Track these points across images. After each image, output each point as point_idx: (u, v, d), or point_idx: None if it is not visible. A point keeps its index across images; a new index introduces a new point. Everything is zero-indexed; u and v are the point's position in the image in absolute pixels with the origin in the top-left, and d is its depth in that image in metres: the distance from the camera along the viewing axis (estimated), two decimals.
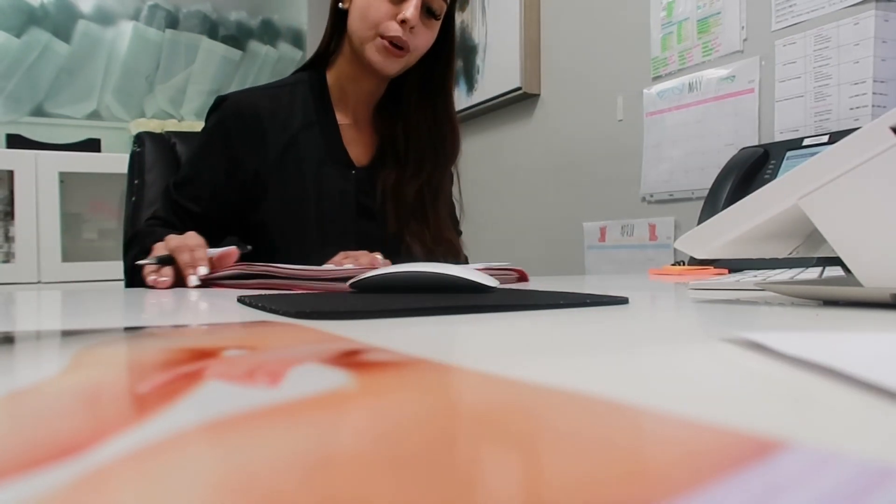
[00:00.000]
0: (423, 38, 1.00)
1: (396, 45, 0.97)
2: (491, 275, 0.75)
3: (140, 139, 1.22)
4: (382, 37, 0.96)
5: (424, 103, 1.07)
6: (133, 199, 1.18)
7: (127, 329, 0.38)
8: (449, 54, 1.07)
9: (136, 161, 1.20)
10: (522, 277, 0.83)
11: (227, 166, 1.00)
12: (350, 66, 1.04)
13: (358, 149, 1.07)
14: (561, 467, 0.12)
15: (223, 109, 1.01)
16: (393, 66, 0.99)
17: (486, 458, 0.13)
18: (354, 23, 0.99)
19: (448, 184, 1.13)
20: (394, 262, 0.83)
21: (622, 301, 0.49)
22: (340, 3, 1.02)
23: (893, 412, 0.16)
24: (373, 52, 0.98)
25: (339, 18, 1.03)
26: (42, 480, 0.12)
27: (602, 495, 0.11)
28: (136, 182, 1.19)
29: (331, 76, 1.06)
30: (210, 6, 2.92)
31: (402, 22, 0.95)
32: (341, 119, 1.06)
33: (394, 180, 1.06)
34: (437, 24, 1.01)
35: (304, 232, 1.00)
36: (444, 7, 1.01)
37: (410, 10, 0.95)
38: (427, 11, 0.98)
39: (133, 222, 1.16)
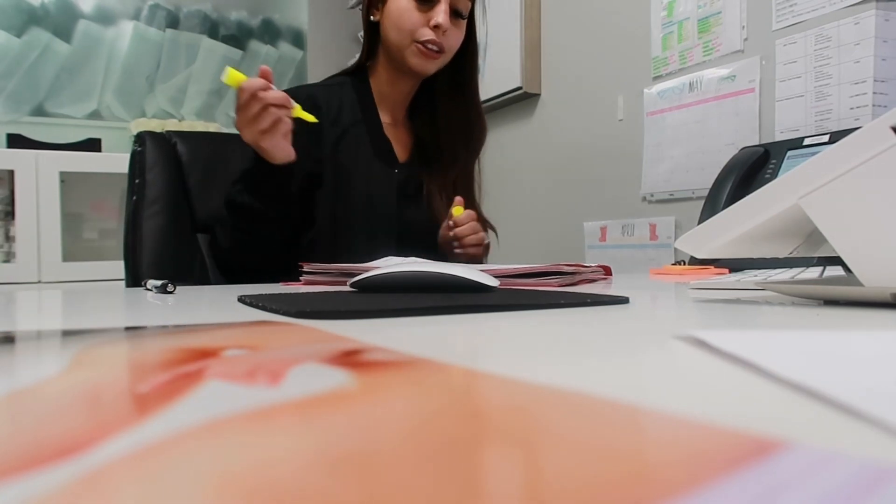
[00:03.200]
0: (455, 38, 1.08)
1: (432, 48, 1.04)
2: (581, 272, 0.76)
3: (141, 138, 1.22)
4: (418, 42, 1.04)
5: (454, 96, 1.15)
6: (134, 198, 1.18)
7: (127, 329, 0.38)
8: (473, 47, 1.14)
9: (136, 160, 1.20)
10: (608, 273, 0.89)
11: (300, 152, 1.04)
12: (387, 71, 1.12)
13: (398, 146, 1.15)
14: (561, 467, 0.12)
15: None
16: (431, 67, 1.08)
17: (487, 457, 0.13)
18: (390, 33, 1.07)
19: (472, 168, 1.22)
20: (435, 253, 0.89)
21: (623, 301, 0.49)
22: (372, 16, 1.09)
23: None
24: (412, 57, 1.06)
25: (372, 30, 1.11)
26: (42, 480, 0.12)
27: (602, 495, 0.11)
28: (136, 181, 1.18)
29: (371, 81, 1.15)
30: (210, 6, 2.92)
31: (435, 27, 1.03)
32: (383, 118, 1.14)
33: (434, 174, 1.15)
34: (464, 23, 1.09)
35: (350, 225, 1.06)
36: (470, 6, 1.08)
37: (441, 16, 1.03)
38: (455, 13, 1.06)
39: (134, 221, 1.16)
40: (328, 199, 1.07)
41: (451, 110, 1.15)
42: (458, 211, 1.01)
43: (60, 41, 2.63)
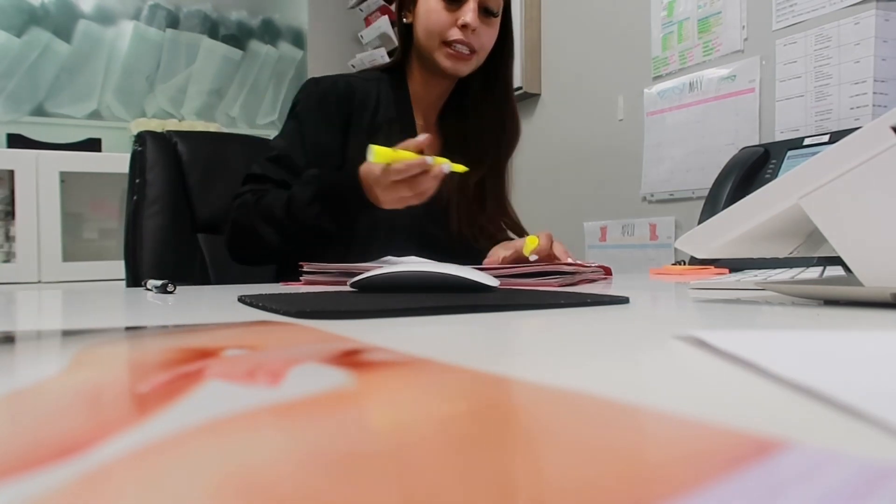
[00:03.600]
0: (487, 37, 1.05)
1: (462, 49, 1.02)
2: (581, 272, 0.75)
3: (141, 138, 1.22)
4: (447, 43, 1.02)
5: (487, 94, 1.13)
6: (134, 198, 1.18)
7: (128, 329, 0.38)
8: (508, 45, 1.12)
9: (137, 160, 1.20)
10: (608, 273, 0.87)
11: (326, 139, 1.03)
12: (421, 74, 1.10)
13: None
14: (562, 466, 0.13)
15: (323, 86, 1.05)
16: (464, 69, 1.05)
17: (487, 457, 0.13)
18: (420, 35, 1.05)
19: (505, 168, 1.19)
20: (456, 258, 0.87)
21: (623, 301, 0.49)
22: (405, 18, 1.08)
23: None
24: (443, 59, 1.03)
25: (406, 31, 1.09)
26: (43, 480, 0.12)
27: (603, 494, 0.11)
28: (137, 181, 1.19)
29: (408, 82, 1.12)
30: (210, 6, 2.92)
31: (463, 26, 1.01)
32: (416, 120, 1.12)
33: (458, 177, 1.12)
34: (497, 21, 1.06)
35: (371, 224, 1.02)
36: (501, 3, 1.05)
37: (469, 15, 1.00)
38: (485, 11, 1.03)
39: (134, 221, 1.16)
40: None
41: (483, 109, 1.12)
42: (533, 242, 0.87)
43: (60, 41, 2.63)
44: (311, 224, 0.91)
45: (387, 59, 2.82)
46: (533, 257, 0.84)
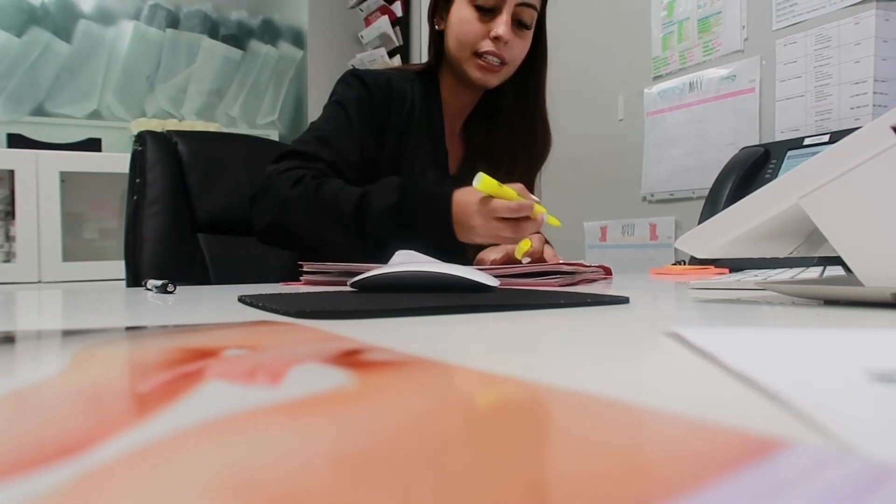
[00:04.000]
0: (518, 49, 1.03)
1: (493, 60, 1.00)
2: (581, 272, 0.75)
3: (142, 138, 1.22)
4: (478, 54, 1.00)
5: (518, 104, 1.11)
6: (135, 197, 1.18)
7: (128, 329, 0.38)
8: (542, 56, 1.10)
9: (137, 160, 1.20)
10: (608, 273, 0.86)
11: (367, 128, 1.01)
12: (450, 81, 1.09)
13: (451, 158, 1.12)
14: (562, 466, 0.13)
15: (365, 77, 1.03)
16: (494, 80, 1.04)
17: (487, 457, 0.13)
18: (452, 44, 1.03)
19: (535, 178, 1.17)
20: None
21: (623, 301, 0.49)
22: (437, 25, 1.07)
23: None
24: (473, 70, 1.02)
25: (438, 38, 1.07)
26: (43, 480, 0.12)
27: (603, 494, 0.11)
28: (137, 181, 1.19)
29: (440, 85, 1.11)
30: (210, 6, 2.92)
31: (496, 38, 0.99)
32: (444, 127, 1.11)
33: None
34: (529, 33, 1.04)
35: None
36: (535, 16, 1.03)
37: (502, 28, 0.98)
38: (518, 23, 1.01)
39: (135, 221, 1.16)
40: None
41: (513, 117, 1.11)
42: (525, 244, 0.84)
43: (61, 41, 2.63)
44: (380, 235, 0.86)
45: (387, 59, 2.83)
46: (525, 259, 0.83)
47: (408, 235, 0.84)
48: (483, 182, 0.80)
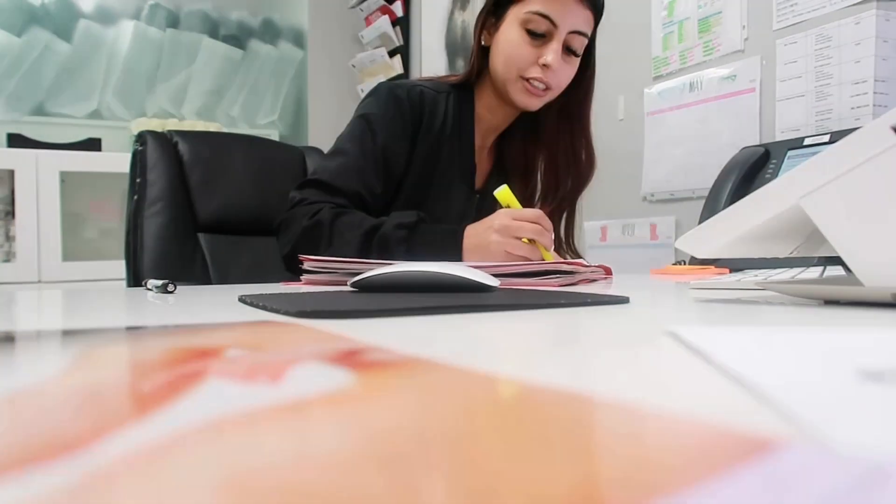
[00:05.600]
0: (565, 75, 1.02)
1: (538, 86, 1.00)
2: (581, 271, 0.75)
3: (142, 138, 1.22)
4: (524, 78, 1.00)
5: (562, 127, 1.11)
6: (135, 197, 1.18)
7: (128, 329, 0.38)
8: (589, 79, 1.10)
9: (138, 159, 1.20)
10: (608, 273, 0.86)
11: (398, 150, 1.00)
12: (489, 97, 1.07)
13: (478, 173, 1.12)
14: (562, 466, 0.13)
15: (399, 95, 1.02)
16: (536, 104, 1.03)
17: (487, 457, 0.13)
18: (498, 64, 1.02)
19: (576, 201, 1.17)
20: None
21: (623, 300, 0.49)
22: (483, 41, 1.05)
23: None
24: (517, 93, 1.01)
25: (482, 54, 1.06)
26: (43, 479, 0.12)
27: (603, 494, 0.11)
28: (138, 181, 1.19)
29: (475, 99, 1.10)
30: (211, 5, 2.92)
31: (544, 66, 0.98)
32: (475, 141, 1.10)
33: (520, 199, 1.11)
34: (577, 60, 1.03)
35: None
36: (585, 43, 1.02)
37: (551, 56, 0.97)
38: (567, 50, 1.00)
39: (135, 221, 1.16)
40: (399, 205, 1.02)
41: (556, 143, 1.11)
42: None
43: (61, 41, 2.63)
44: (388, 245, 0.87)
45: (387, 59, 2.83)
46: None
47: (416, 248, 0.86)
48: (504, 192, 0.84)
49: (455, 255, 0.86)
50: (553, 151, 1.12)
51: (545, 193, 1.13)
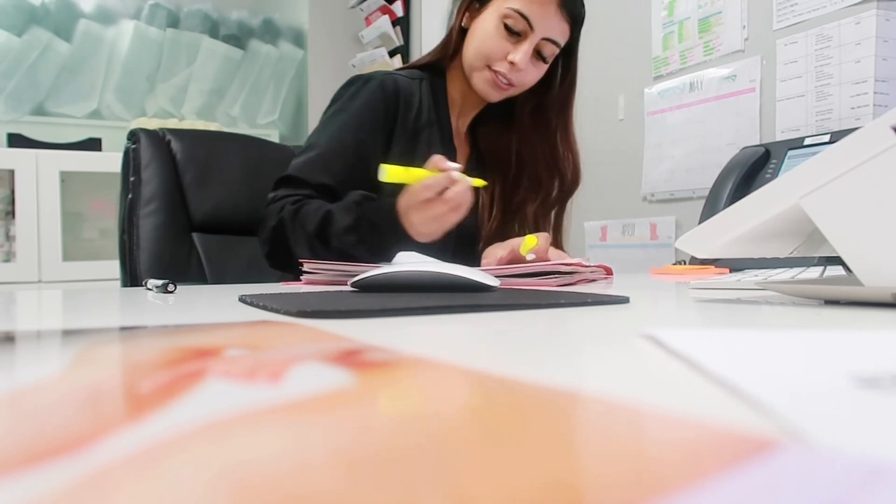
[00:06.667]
0: (530, 77, 1.04)
1: (502, 80, 1.01)
2: (580, 271, 0.75)
3: (135, 136, 1.20)
4: (491, 69, 1.01)
5: (539, 130, 1.12)
6: (129, 196, 1.16)
7: (129, 328, 0.38)
8: (568, 89, 1.12)
9: (131, 157, 1.19)
10: (609, 273, 0.86)
11: (371, 143, 1.00)
12: (461, 81, 1.08)
13: (459, 156, 1.12)
14: (561, 466, 0.13)
15: (372, 87, 1.02)
16: (496, 97, 1.05)
17: (486, 457, 0.13)
18: (469, 49, 1.03)
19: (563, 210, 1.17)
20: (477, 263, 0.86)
21: (623, 300, 0.49)
22: (463, 22, 1.05)
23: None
24: (479, 82, 1.03)
25: (460, 34, 1.07)
26: (43, 478, 0.12)
27: (602, 494, 0.11)
28: (132, 179, 1.17)
29: (447, 83, 1.10)
30: (211, 5, 2.92)
31: (512, 63, 0.99)
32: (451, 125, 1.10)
33: (500, 189, 1.12)
34: (544, 66, 1.05)
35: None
36: (555, 52, 1.03)
37: (520, 56, 0.99)
38: (537, 54, 1.02)
39: (130, 220, 1.15)
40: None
41: (534, 139, 1.12)
42: (532, 241, 0.85)
43: (61, 40, 2.63)
44: (346, 251, 0.88)
45: (387, 59, 2.83)
46: (530, 256, 0.83)
47: (370, 247, 0.86)
48: (389, 173, 0.80)
49: (402, 234, 0.86)
50: (532, 153, 1.12)
51: (527, 190, 1.13)
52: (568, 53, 1.07)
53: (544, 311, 0.44)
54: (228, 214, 1.25)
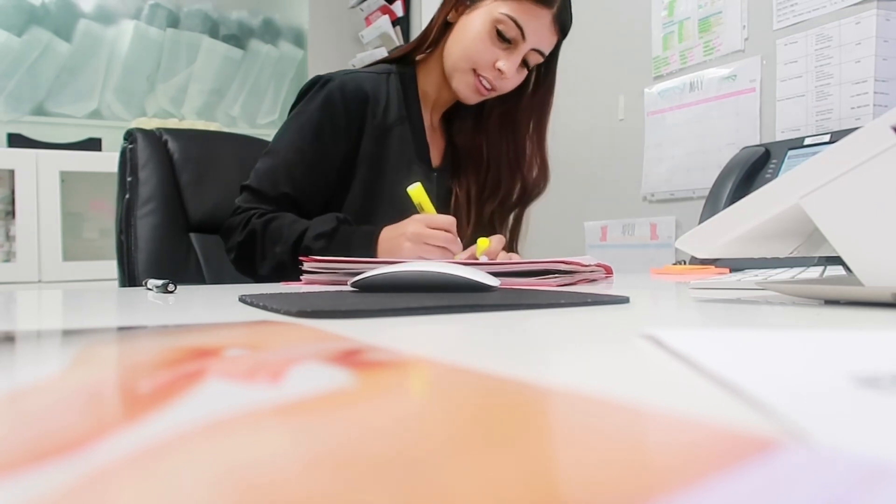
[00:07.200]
0: (511, 83, 1.03)
1: (486, 85, 1.00)
2: (580, 271, 0.75)
3: (132, 135, 1.20)
4: (476, 74, 0.99)
5: (505, 130, 1.11)
6: (126, 196, 1.15)
7: (129, 328, 0.38)
8: (544, 94, 1.11)
9: (128, 157, 1.18)
10: (609, 273, 0.86)
11: (331, 148, 1.00)
12: (436, 75, 1.06)
13: (433, 150, 1.11)
14: (561, 466, 0.13)
15: (331, 89, 1.01)
16: (474, 101, 1.04)
17: (486, 457, 0.13)
18: (455, 48, 1.01)
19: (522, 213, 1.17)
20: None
21: (623, 300, 0.49)
22: (449, 17, 1.03)
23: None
24: (461, 85, 1.01)
25: (444, 27, 1.04)
26: (43, 478, 0.12)
27: (602, 494, 0.11)
28: (129, 179, 1.16)
29: (418, 77, 1.08)
30: (211, 5, 2.92)
31: (499, 71, 0.98)
32: (423, 119, 1.09)
33: (476, 190, 1.12)
34: (525, 73, 1.04)
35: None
36: (539, 61, 1.03)
37: (508, 65, 0.98)
38: (523, 62, 1.01)
39: (127, 220, 1.15)
40: (358, 195, 1.01)
41: (499, 142, 1.11)
42: (484, 244, 0.87)
43: (61, 40, 2.63)
44: (314, 252, 0.89)
45: None
46: (483, 258, 0.85)
47: (336, 254, 0.87)
48: (417, 190, 0.85)
49: (371, 256, 0.87)
50: (496, 153, 1.11)
51: (490, 192, 1.12)
52: (548, 59, 1.06)
53: (544, 310, 0.44)
54: (226, 214, 1.24)
